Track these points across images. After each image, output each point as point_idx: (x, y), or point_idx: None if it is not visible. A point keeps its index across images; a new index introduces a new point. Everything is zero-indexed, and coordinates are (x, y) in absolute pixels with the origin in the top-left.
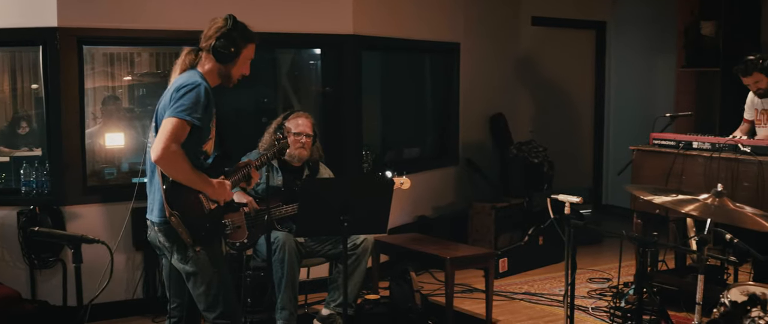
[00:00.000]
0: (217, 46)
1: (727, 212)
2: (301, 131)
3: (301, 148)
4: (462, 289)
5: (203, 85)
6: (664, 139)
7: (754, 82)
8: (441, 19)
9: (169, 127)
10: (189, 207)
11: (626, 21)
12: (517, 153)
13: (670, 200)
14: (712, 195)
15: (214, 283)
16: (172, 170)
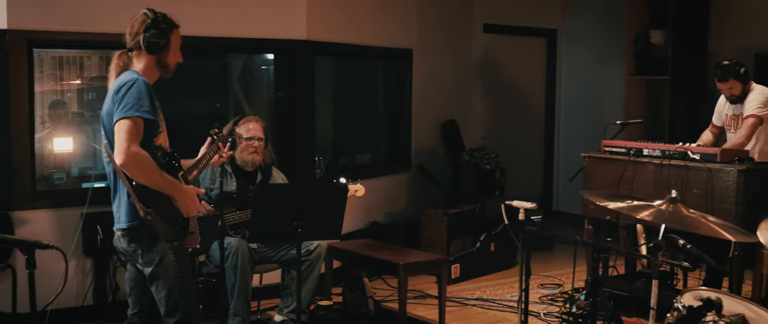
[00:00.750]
0: (147, 38)
1: (681, 218)
2: (253, 136)
3: (254, 152)
4: (415, 295)
5: (140, 79)
6: (615, 146)
7: (728, 88)
8: (394, 25)
9: (123, 130)
10: (162, 201)
11: (577, 29)
12: (470, 159)
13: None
14: (667, 201)
15: (176, 287)
16: (139, 173)
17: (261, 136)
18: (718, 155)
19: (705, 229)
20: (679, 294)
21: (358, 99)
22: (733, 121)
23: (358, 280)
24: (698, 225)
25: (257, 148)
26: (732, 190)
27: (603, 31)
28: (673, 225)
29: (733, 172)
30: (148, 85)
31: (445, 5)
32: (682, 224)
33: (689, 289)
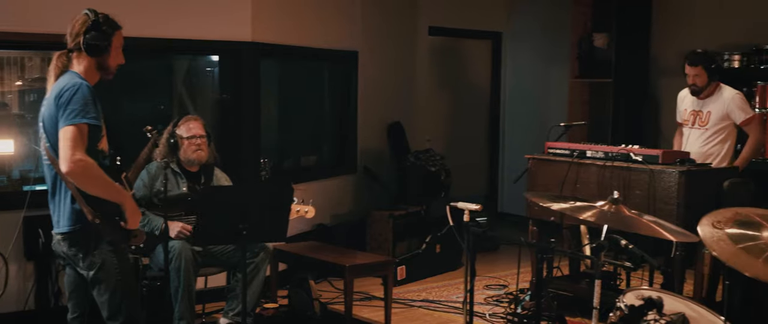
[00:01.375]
0: (87, 39)
1: (623, 219)
2: (194, 134)
3: (198, 149)
4: (361, 297)
5: (84, 84)
6: (558, 148)
7: (694, 75)
8: (339, 27)
9: (68, 137)
10: (108, 204)
11: (522, 32)
12: (415, 161)
13: (568, 207)
14: (609, 202)
15: (118, 291)
16: (86, 181)
17: (202, 133)
18: (660, 157)
19: (646, 229)
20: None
21: (304, 101)
22: (694, 117)
23: (303, 282)
24: (639, 225)
25: (200, 145)
26: (673, 190)
27: (547, 34)
28: (615, 225)
29: (675, 174)
30: (91, 90)
31: (390, 8)
32: (624, 225)
33: (631, 288)
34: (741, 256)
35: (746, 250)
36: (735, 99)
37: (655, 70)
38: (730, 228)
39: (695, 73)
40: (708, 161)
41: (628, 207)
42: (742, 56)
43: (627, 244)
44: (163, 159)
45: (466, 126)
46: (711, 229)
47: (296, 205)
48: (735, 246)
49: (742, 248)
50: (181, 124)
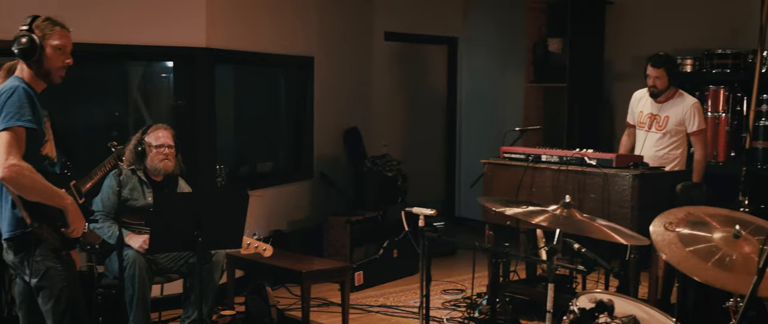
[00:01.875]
0: (18, 45)
1: (575, 222)
2: (163, 143)
3: (165, 159)
4: (318, 303)
5: (21, 86)
6: (514, 153)
7: (656, 77)
8: (295, 33)
9: (2, 142)
10: (50, 209)
11: (477, 37)
12: (372, 166)
13: (521, 212)
14: (561, 206)
15: (63, 298)
16: (21, 186)
17: (171, 143)
18: (614, 161)
19: (597, 232)
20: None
21: (260, 106)
22: (650, 120)
23: (260, 288)
24: (591, 229)
25: (168, 154)
26: (627, 194)
27: (502, 39)
28: (567, 229)
29: (628, 177)
30: (28, 93)
31: (345, 13)
32: (576, 228)
33: (585, 291)
34: (691, 260)
35: (696, 253)
36: (694, 106)
37: (609, 74)
38: (682, 228)
39: (656, 75)
40: (663, 165)
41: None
42: (694, 61)
43: (580, 248)
44: (130, 166)
45: (423, 131)
46: (663, 231)
47: (254, 240)
48: (685, 249)
49: (692, 251)
50: (150, 132)
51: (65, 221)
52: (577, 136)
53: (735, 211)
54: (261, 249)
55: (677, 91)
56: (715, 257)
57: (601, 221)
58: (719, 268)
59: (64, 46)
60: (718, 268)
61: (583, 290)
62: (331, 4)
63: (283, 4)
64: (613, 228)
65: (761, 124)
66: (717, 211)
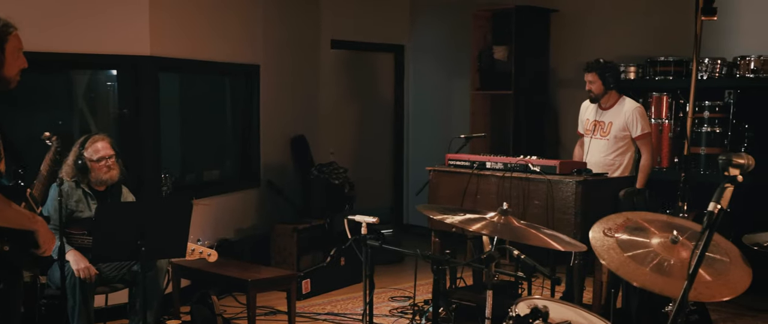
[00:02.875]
0: None
1: (512, 229)
2: (103, 155)
3: (110, 170)
4: (265, 312)
5: None
6: (458, 160)
7: (590, 81)
8: (240, 41)
9: None
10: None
11: (424, 45)
12: (318, 174)
13: (459, 219)
14: (498, 213)
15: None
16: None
17: (110, 152)
18: (558, 167)
19: (534, 239)
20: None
21: (206, 115)
22: (596, 127)
23: (206, 297)
24: (528, 236)
25: (111, 165)
26: (571, 200)
27: (449, 47)
28: (505, 236)
29: (572, 184)
30: None
31: (291, 21)
32: (514, 235)
33: (525, 298)
34: (629, 265)
35: (634, 258)
36: (636, 111)
37: (555, 81)
38: (620, 234)
39: (590, 80)
40: (609, 172)
41: (528, 217)
42: (637, 68)
43: (519, 255)
44: (73, 179)
45: (371, 138)
46: (601, 237)
47: (198, 246)
48: (624, 254)
49: (630, 256)
50: (88, 146)
51: (36, 242)
52: (523, 144)
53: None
54: (206, 254)
55: (620, 97)
56: (653, 262)
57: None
58: (657, 273)
59: (21, 48)
60: (656, 273)
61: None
62: (277, 13)
63: (228, 13)
64: (550, 234)
65: (704, 130)
66: (655, 217)
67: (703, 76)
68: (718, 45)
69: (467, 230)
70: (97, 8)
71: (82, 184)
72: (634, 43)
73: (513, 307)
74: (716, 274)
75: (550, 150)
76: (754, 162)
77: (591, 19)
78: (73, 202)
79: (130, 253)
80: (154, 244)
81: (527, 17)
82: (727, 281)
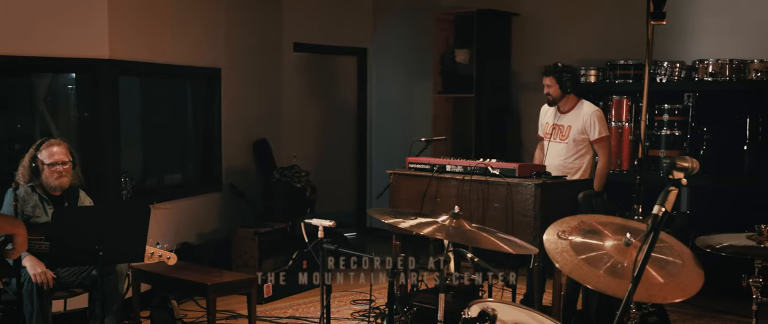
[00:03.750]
0: None
1: (464, 233)
2: (56, 160)
3: (60, 177)
4: (227, 316)
5: None
6: (419, 163)
7: (547, 85)
8: (201, 45)
9: None
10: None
11: (386, 48)
12: (280, 178)
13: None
14: (450, 216)
15: None
16: None
17: (65, 159)
18: (517, 170)
19: (485, 242)
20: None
21: (167, 118)
22: (555, 130)
23: (166, 302)
24: (479, 239)
25: (63, 171)
26: (530, 203)
27: (411, 50)
28: (456, 239)
29: (531, 186)
30: None
31: (253, 25)
32: (465, 238)
33: (478, 300)
34: (583, 268)
35: (588, 261)
36: (594, 114)
37: (516, 84)
38: (574, 237)
39: (548, 84)
40: (568, 175)
41: (487, 220)
42: (597, 71)
43: (472, 257)
44: (28, 183)
45: (334, 141)
46: (555, 240)
47: (158, 249)
48: (577, 257)
49: (584, 259)
50: (43, 149)
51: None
52: (485, 147)
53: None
54: (165, 257)
55: (579, 101)
56: (607, 265)
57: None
58: (611, 275)
59: None
60: (609, 275)
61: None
62: (238, 16)
63: (189, 16)
64: (501, 237)
65: (663, 133)
66: (610, 220)
67: (662, 79)
68: (677, 48)
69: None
70: (55, 11)
71: (38, 189)
72: (594, 47)
73: (465, 311)
74: (669, 276)
75: (511, 153)
76: (699, 165)
77: (552, 23)
78: (29, 207)
79: (87, 258)
80: (111, 248)
81: (489, 21)
82: (679, 283)
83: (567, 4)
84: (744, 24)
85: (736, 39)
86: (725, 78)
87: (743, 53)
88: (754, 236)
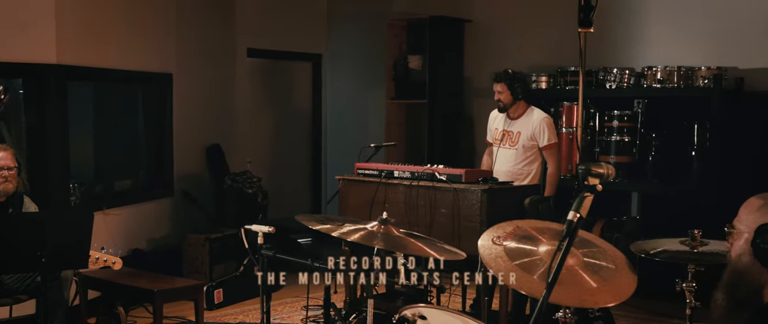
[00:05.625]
0: None
1: (392, 239)
2: (2, 165)
3: (5, 182)
4: (177, 322)
5: None
6: (367, 169)
7: (498, 92)
8: (152, 50)
9: None
10: None
11: (341, 54)
12: (232, 184)
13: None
14: (378, 223)
15: None
16: None
17: (10, 164)
18: (463, 176)
19: (413, 248)
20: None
21: (118, 124)
22: (505, 137)
23: (112, 309)
24: (406, 244)
25: (8, 177)
26: (476, 208)
27: (365, 56)
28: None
29: (477, 192)
30: None
31: (205, 30)
32: (393, 245)
33: (410, 305)
34: (517, 273)
35: (522, 266)
36: (544, 121)
37: (469, 90)
38: (509, 242)
39: (499, 90)
40: (517, 181)
41: (434, 226)
42: (548, 77)
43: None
44: None
45: (289, 147)
46: (490, 245)
47: (103, 254)
48: (512, 263)
49: (518, 265)
50: None
51: None
52: (438, 153)
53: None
54: (110, 262)
55: (529, 108)
56: (541, 270)
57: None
58: (544, 280)
59: None
60: (543, 280)
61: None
62: (190, 21)
63: (138, 21)
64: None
65: (613, 139)
66: (547, 225)
67: (611, 85)
68: (627, 55)
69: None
70: (1, 16)
71: None
72: (545, 53)
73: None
74: (602, 281)
75: (464, 158)
76: (614, 171)
77: (504, 30)
78: None
79: (31, 264)
80: (55, 255)
81: (441, 27)
82: (612, 288)
83: (519, 11)
84: (692, 32)
85: (685, 46)
86: (674, 85)
87: (691, 60)
88: (688, 241)
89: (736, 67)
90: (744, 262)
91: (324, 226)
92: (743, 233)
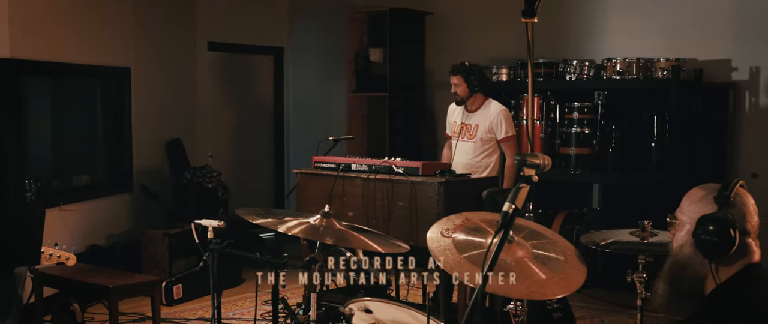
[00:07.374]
0: None
1: (335, 232)
2: None
3: None
4: (134, 319)
5: None
6: (325, 162)
7: (455, 84)
8: (109, 44)
9: None
10: None
11: (302, 47)
12: (191, 178)
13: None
14: (321, 216)
15: None
16: None
17: None
18: (421, 169)
19: (355, 241)
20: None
21: (75, 119)
22: (463, 130)
23: (67, 306)
24: (349, 238)
25: None
26: (434, 201)
27: (326, 49)
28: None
29: (434, 185)
30: None
31: (164, 24)
32: (336, 238)
33: (353, 299)
34: (465, 266)
35: (470, 259)
36: (501, 114)
37: (431, 83)
38: (458, 234)
39: (456, 83)
40: (476, 173)
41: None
42: (509, 70)
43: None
44: None
45: (251, 141)
46: (439, 238)
47: (56, 250)
48: (460, 255)
49: (466, 257)
50: None
51: None
52: (399, 145)
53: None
54: (64, 258)
55: (486, 100)
56: None
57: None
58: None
59: None
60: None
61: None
62: (149, 15)
63: (95, 14)
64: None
65: (573, 131)
66: (494, 217)
67: (572, 77)
68: (587, 47)
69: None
70: None
71: None
72: (506, 46)
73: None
74: (551, 273)
75: (426, 151)
76: (551, 162)
77: (465, 22)
78: None
79: None
80: (5, 251)
81: (402, 20)
82: (561, 279)
83: (480, 3)
84: (651, 24)
85: (644, 38)
86: (633, 76)
87: (650, 52)
88: (638, 232)
89: (695, 58)
90: (686, 253)
91: (265, 220)
92: (685, 224)
